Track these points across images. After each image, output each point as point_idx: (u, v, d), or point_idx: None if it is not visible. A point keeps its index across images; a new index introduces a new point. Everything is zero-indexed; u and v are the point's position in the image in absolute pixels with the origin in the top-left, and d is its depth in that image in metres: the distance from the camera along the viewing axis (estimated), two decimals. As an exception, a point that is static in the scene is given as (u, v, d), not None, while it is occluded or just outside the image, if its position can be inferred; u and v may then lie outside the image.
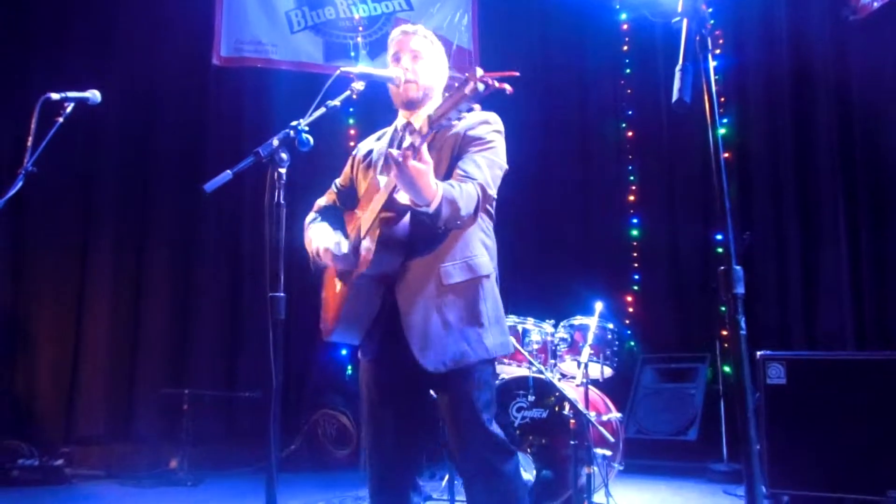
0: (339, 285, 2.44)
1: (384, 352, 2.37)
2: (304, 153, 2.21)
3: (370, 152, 2.58)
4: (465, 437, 2.28)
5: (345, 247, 2.42)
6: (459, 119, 2.04)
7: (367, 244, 2.27)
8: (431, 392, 2.41)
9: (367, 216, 2.32)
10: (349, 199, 2.62)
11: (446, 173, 2.31)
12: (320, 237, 2.51)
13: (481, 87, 1.92)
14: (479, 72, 1.94)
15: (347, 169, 2.68)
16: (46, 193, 5.59)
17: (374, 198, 2.30)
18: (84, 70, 5.43)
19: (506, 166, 2.40)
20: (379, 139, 2.62)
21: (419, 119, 2.48)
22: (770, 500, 3.97)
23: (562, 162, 6.69)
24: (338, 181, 2.72)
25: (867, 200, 5.34)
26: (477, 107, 1.99)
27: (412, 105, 2.47)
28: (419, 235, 2.25)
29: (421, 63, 2.45)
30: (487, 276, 2.35)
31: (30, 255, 5.86)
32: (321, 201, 2.74)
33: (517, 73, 1.95)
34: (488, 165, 2.30)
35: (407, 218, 2.24)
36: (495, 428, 2.31)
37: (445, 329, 2.25)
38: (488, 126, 2.38)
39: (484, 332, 2.29)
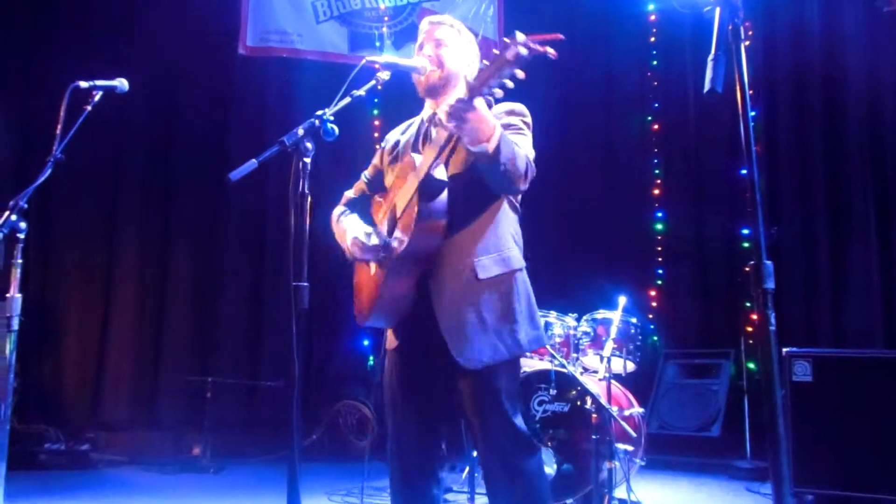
0: (373, 268, 2.40)
1: (412, 341, 2.35)
2: (328, 143, 2.20)
3: (397, 143, 2.56)
4: (488, 430, 2.24)
5: (374, 239, 2.39)
6: (502, 87, 1.95)
7: (406, 222, 2.23)
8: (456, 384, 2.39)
9: (402, 196, 2.29)
10: (378, 190, 2.60)
11: (466, 171, 2.25)
12: (352, 228, 2.48)
13: (524, 51, 1.83)
14: (521, 36, 1.84)
15: (377, 160, 2.66)
16: (73, 182, 5.67)
17: (408, 177, 2.27)
18: (110, 59, 5.47)
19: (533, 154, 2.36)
20: (404, 131, 2.60)
21: (445, 109, 2.45)
22: (794, 499, 3.92)
23: (587, 154, 6.63)
24: (366, 173, 2.69)
25: (898, 196, 5.25)
26: (521, 73, 1.89)
27: (435, 92, 2.43)
28: (456, 215, 2.22)
29: (444, 50, 2.42)
30: (520, 270, 2.33)
31: (57, 243, 5.94)
32: (349, 193, 2.71)
33: (561, 36, 1.85)
34: (524, 145, 2.26)
35: (444, 195, 2.20)
36: (519, 422, 2.27)
37: (481, 325, 2.22)
38: (516, 116, 2.35)
39: (518, 328, 2.26)
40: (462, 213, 2.24)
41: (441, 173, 2.19)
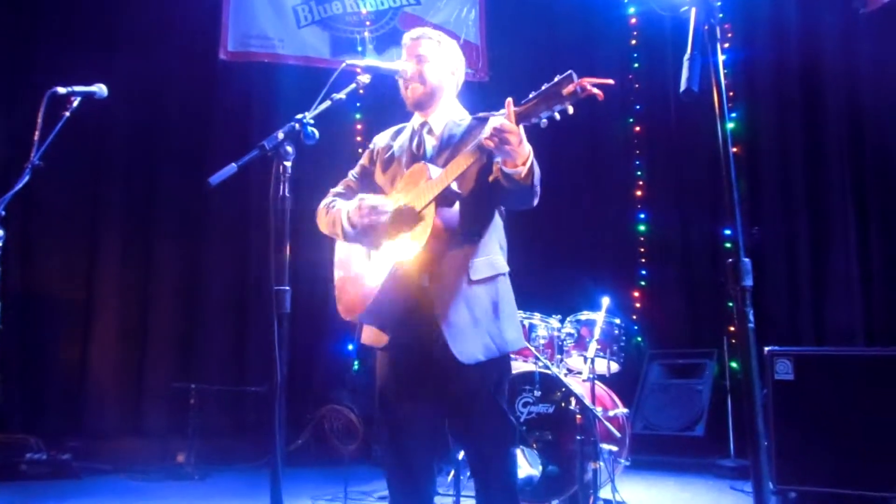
0: (369, 268, 2.44)
1: (405, 338, 2.40)
2: (309, 147, 2.20)
3: (390, 147, 2.60)
4: (484, 425, 2.37)
5: (390, 206, 2.37)
6: (550, 118, 2.07)
7: (422, 227, 2.28)
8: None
9: (414, 202, 2.32)
10: (366, 189, 2.61)
11: (475, 184, 2.33)
12: (356, 201, 2.43)
13: (579, 90, 1.99)
14: (574, 76, 2.00)
15: (365, 161, 2.69)
16: (54, 188, 5.60)
17: (420, 185, 2.31)
18: (90, 64, 5.41)
19: None
20: (396, 137, 2.64)
21: (438, 120, 2.50)
22: (777, 497, 3.95)
23: (569, 156, 6.64)
24: (354, 172, 2.72)
25: (877, 195, 5.32)
26: (571, 109, 2.03)
27: (422, 105, 2.52)
28: (463, 224, 2.30)
29: (426, 66, 2.50)
30: (504, 274, 2.46)
31: (39, 250, 5.87)
32: (337, 189, 2.71)
33: (612, 82, 1.99)
34: None
35: (457, 206, 2.27)
36: (510, 418, 2.42)
37: (473, 323, 2.34)
38: None
39: (504, 327, 2.40)
40: (468, 223, 2.33)
41: (455, 185, 2.26)
